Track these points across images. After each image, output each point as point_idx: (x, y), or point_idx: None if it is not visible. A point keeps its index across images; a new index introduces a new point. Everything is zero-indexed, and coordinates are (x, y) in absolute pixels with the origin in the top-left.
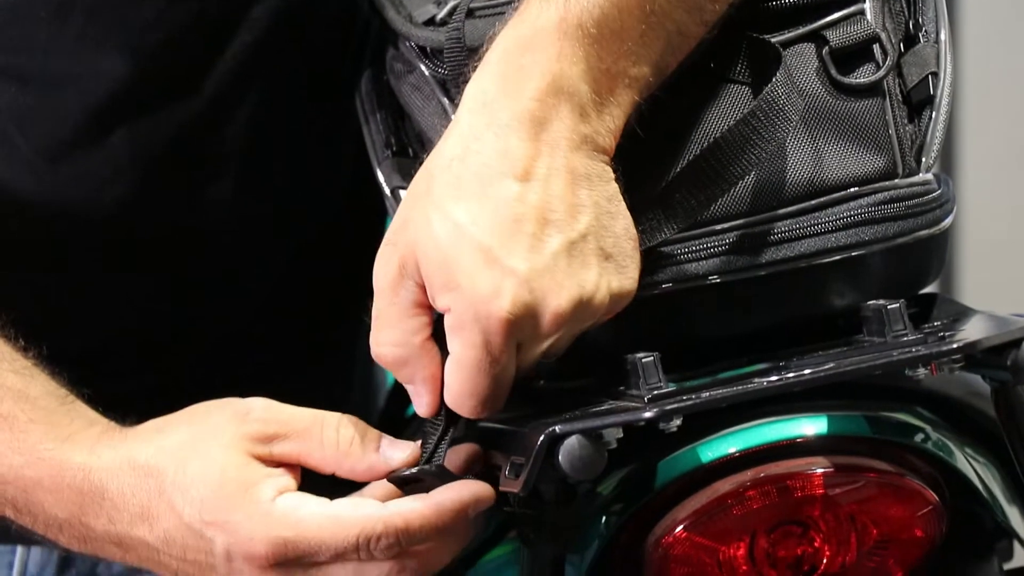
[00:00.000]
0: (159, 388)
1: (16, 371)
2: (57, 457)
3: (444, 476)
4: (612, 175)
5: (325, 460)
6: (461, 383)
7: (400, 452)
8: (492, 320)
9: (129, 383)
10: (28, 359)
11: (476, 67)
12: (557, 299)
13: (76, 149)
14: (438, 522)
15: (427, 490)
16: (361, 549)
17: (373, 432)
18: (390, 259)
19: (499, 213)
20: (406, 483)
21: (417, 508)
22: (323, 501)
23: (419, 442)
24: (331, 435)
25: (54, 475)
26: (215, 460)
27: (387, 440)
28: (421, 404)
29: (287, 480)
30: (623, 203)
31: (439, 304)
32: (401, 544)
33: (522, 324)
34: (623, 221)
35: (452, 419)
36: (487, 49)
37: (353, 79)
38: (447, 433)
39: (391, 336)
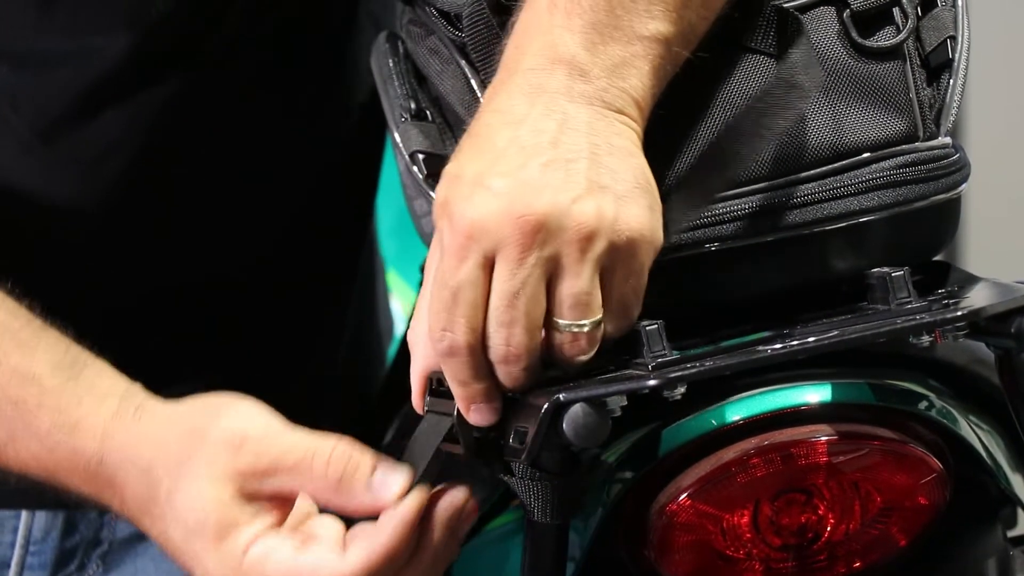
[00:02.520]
0: (163, 346)
1: (20, 344)
2: (69, 444)
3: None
4: (629, 131)
5: (317, 495)
6: (497, 312)
7: (394, 484)
8: (463, 223)
9: (130, 344)
10: (31, 320)
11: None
12: (535, 202)
13: (70, 126)
14: (398, 549)
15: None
16: None
17: (367, 461)
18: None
19: (486, 153)
20: (436, 393)
21: (374, 548)
22: (294, 549)
23: (411, 470)
24: (321, 468)
25: (69, 461)
26: (202, 494)
27: (381, 470)
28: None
29: (271, 518)
30: (638, 157)
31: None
32: None
33: (500, 232)
34: (629, 164)
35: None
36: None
37: (348, 40)
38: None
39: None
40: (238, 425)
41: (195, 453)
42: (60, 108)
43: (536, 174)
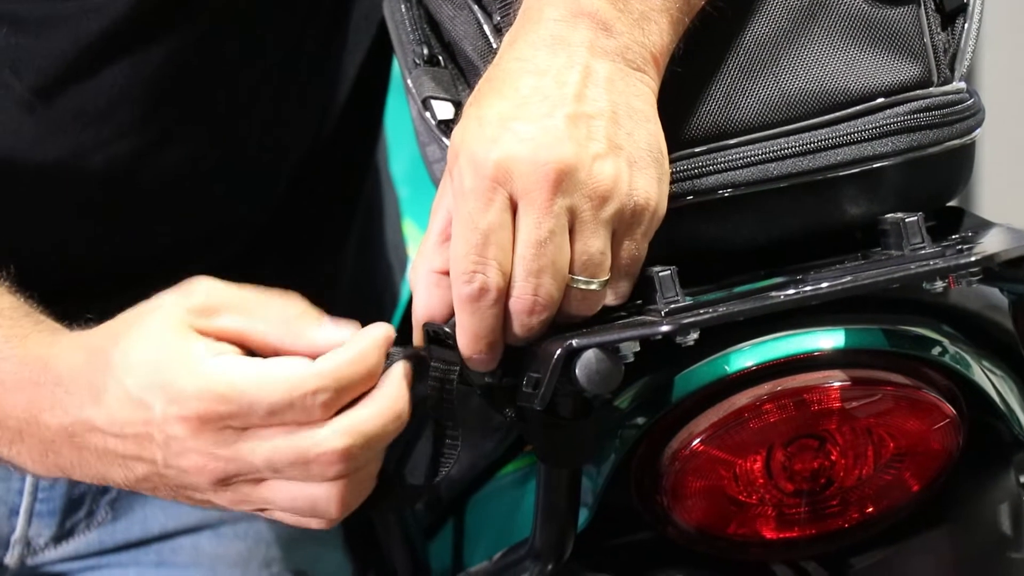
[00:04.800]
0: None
1: None
2: (18, 354)
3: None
4: (647, 90)
5: (267, 335)
6: (525, 260)
7: (345, 329)
8: (487, 166)
9: (138, 295)
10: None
11: None
12: (560, 151)
13: (71, 86)
14: (366, 365)
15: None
16: (296, 405)
17: (317, 311)
18: (475, 190)
19: (509, 98)
20: (434, 340)
21: (344, 356)
22: (258, 360)
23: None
24: (275, 311)
25: (15, 372)
26: (156, 329)
27: (330, 319)
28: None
29: (228, 349)
30: (654, 122)
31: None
32: (336, 393)
33: (525, 178)
34: (645, 130)
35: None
36: None
37: None
38: None
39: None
40: (185, 282)
41: (143, 311)
42: (61, 67)
43: (561, 124)
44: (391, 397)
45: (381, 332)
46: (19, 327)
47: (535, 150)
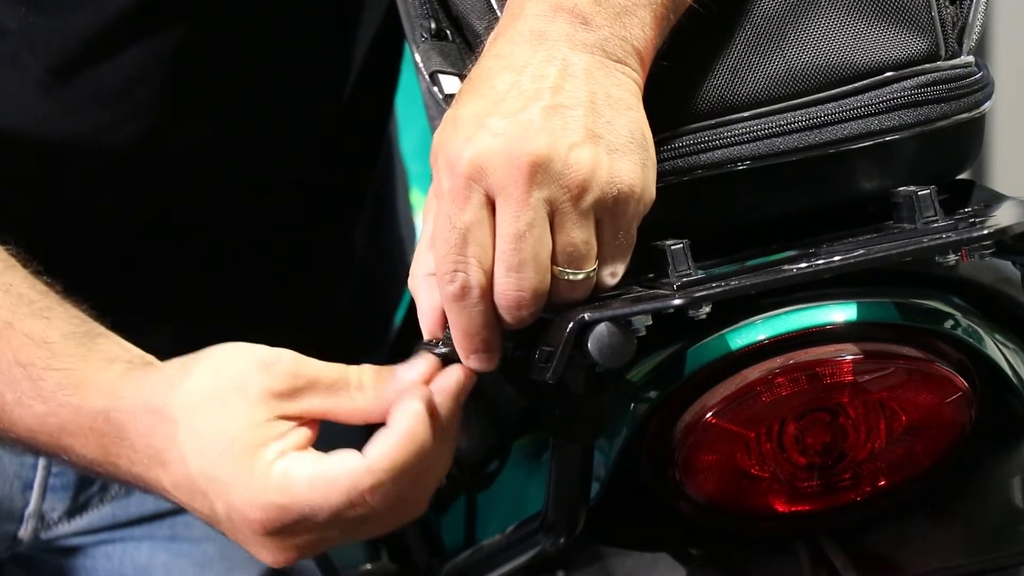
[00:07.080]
0: (181, 277)
1: (35, 313)
2: (75, 403)
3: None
4: (629, 80)
5: (355, 414)
6: (505, 255)
7: (417, 363)
8: (461, 164)
9: (153, 273)
10: (48, 293)
11: None
12: (533, 143)
13: (87, 66)
14: (416, 447)
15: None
16: (357, 504)
17: (388, 368)
18: (455, 192)
19: (486, 96)
20: (444, 360)
21: (394, 442)
22: (316, 460)
23: (427, 354)
24: (356, 389)
25: (75, 420)
26: (234, 415)
27: (401, 367)
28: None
29: (301, 436)
30: (636, 110)
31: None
32: (393, 485)
33: (498, 173)
34: (626, 118)
35: None
36: None
37: None
38: None
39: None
40: (267, 352)
41: (223, 382)
42: (78, 48)
43: (536, 117)
44: (442, 459)
45: (419, 405)
46: (72, 371)
47: (508, 144)
